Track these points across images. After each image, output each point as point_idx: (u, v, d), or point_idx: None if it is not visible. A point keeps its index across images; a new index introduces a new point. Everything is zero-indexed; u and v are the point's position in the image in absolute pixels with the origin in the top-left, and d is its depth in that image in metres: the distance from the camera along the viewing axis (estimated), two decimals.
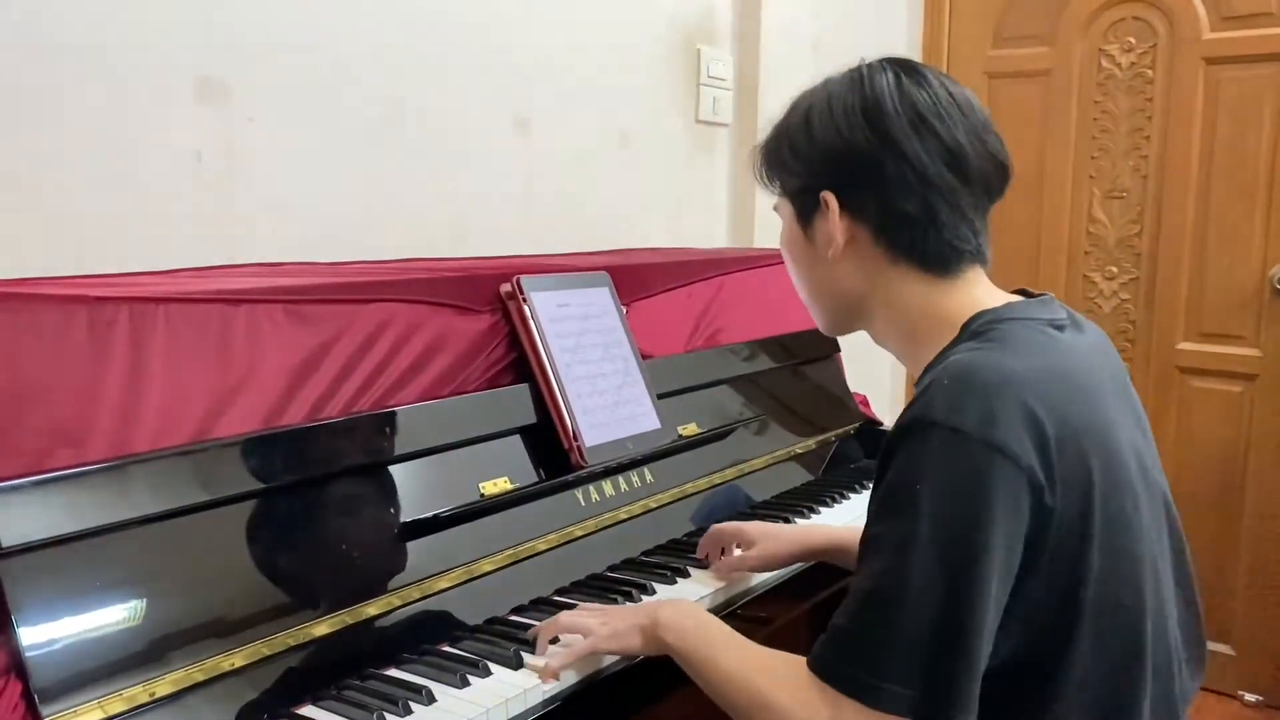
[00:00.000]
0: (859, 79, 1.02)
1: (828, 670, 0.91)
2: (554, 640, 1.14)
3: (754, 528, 1.41)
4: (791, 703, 0.92)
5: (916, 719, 0.86)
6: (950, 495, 0.86)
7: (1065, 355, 0.96)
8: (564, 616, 1.15)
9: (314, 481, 1.15)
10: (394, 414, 1.25)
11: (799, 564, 1.43)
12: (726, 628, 1.07)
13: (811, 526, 1.56)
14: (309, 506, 1.14)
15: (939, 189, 0.98)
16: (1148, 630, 0.94)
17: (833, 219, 1.02)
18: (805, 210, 1.06)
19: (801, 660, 0.94)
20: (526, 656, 1.13)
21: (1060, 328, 1.00)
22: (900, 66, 1.02)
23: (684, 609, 1.11)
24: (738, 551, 1.40)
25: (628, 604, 1.26)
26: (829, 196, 1.02)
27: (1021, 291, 1.06)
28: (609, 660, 1.15)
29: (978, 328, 0.98)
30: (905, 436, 0.90)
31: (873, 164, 0.99)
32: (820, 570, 1.46)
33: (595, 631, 1.11)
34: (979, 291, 1.03)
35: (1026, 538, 0.88)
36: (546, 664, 1.09)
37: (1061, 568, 0.89)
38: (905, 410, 0.92)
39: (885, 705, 0.86)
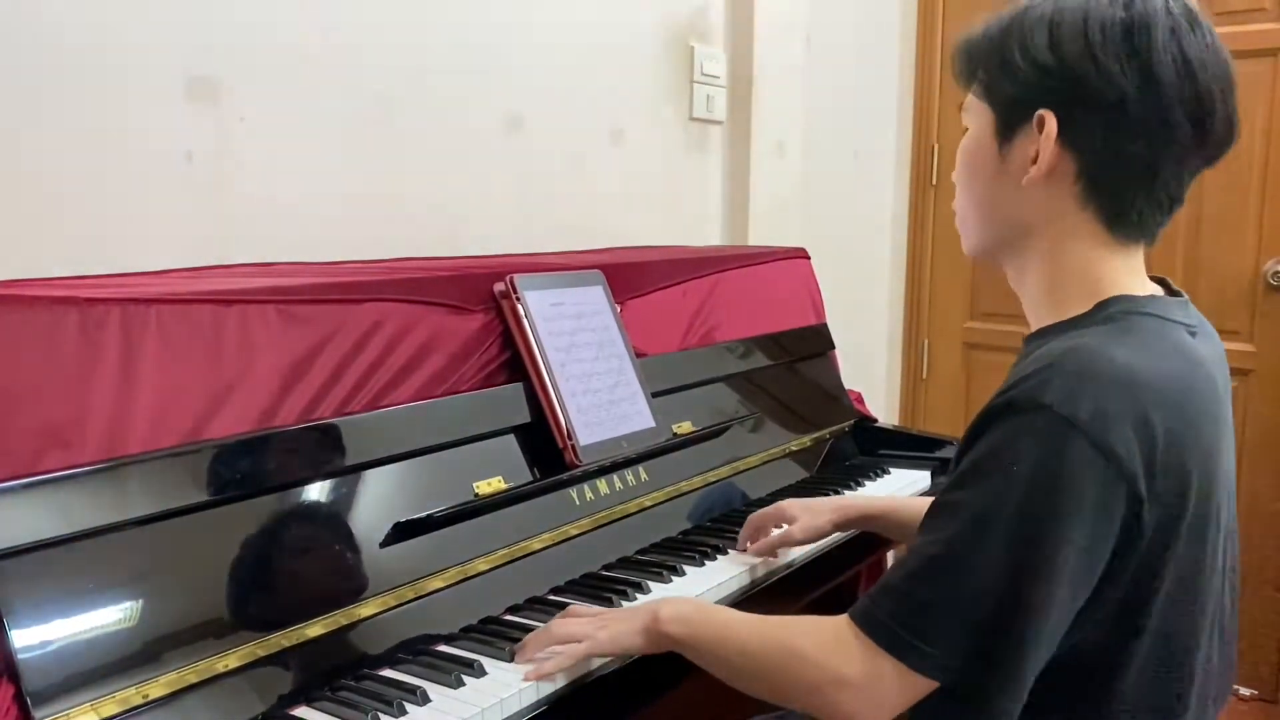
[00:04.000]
0: (1129, 4, 0.89)
1: (871, 622, 0.89)
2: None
3: (792, 504, 1.43)
4: (822, 650, 0.91)
5: (951, 689, 0.85)
6: (1045, 482, 0.82)
7: (1193, 365, 0.91)
8: (556, 628, 1.11)
9: (307, 482, 1.15)
10: (387, 414, 1.25)
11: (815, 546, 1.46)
12: (728, 609, 1.06)
13: (848, 497, 1.57)
14: (302, 507, 1.14)
15: (1175, 141, 0.90)
16: (1196, 671, 0.92)
17: (1046, 142, 0.92)
18: (1010, 122, 0.95)
19: (830, 619, 0.93)
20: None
21: (1193, 334, 0.95)
22: (1183, 10, 0.90)
23: (682, 602, 1.09)
24: (776, 533, 1.42)
25: (623, 606, 1.25)
26: (1049, 116, 0.91)
27: (1162, 283, 1.01)
28: (601, 660, 1.15)
29: (1114, 313, 0.92)
30: (1011, 412, 0.85)
31: (1117, 94, 0.88)
32: (818, 568, 1.47)
33: (593, 636, 1.09)
34: (1131, 271, 0.96)
35: (1115, 546, 0.85)
36: (539, 665, 1.08)
37: (1139, 578, 0.87)
38: (1013, 385, 0.87)
39: (924, 669, 0.85)
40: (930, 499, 0.95)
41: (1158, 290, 0.99)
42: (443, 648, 1.16)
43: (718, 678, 1.03)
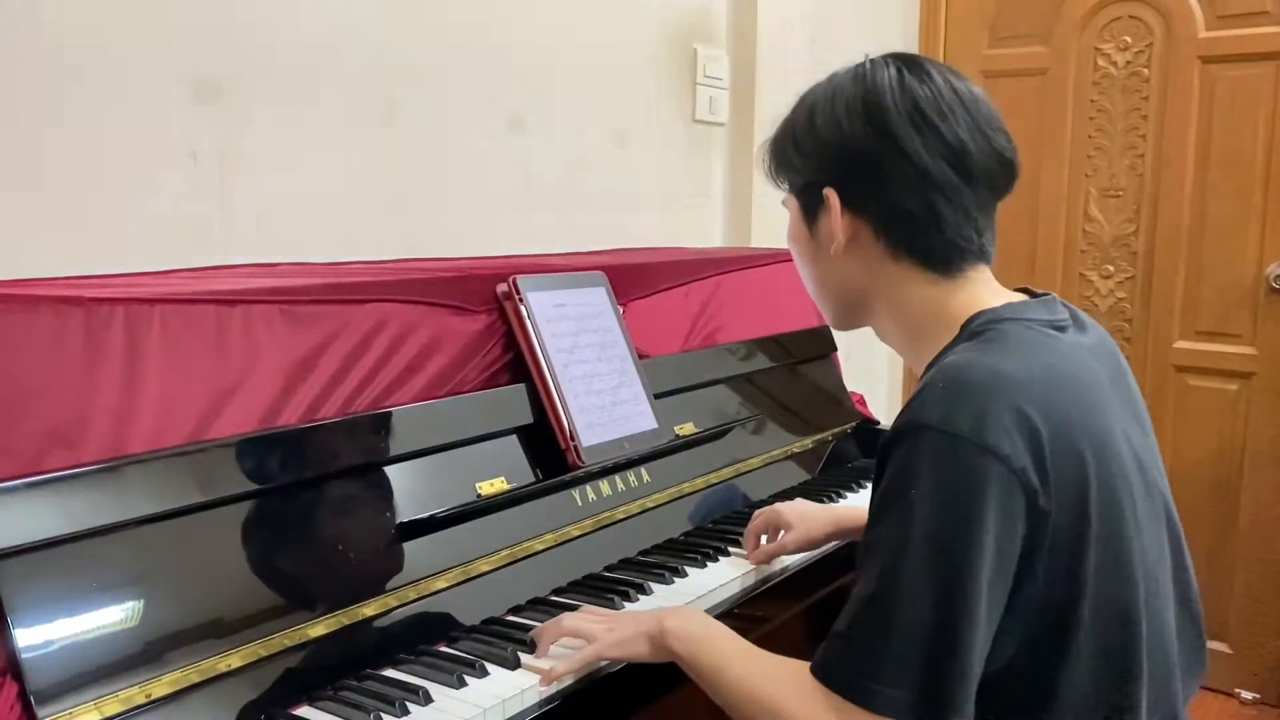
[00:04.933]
0: (862, 74, 1.01)
1: (828, 675, 0.91)
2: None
3: (790, 511, 1.44)
4: (798, 709, 0.92)
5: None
6: (943, 498, 0.86)
7: (1063, 357, 0.95)
8: (567, 621, 1.13)
9: (310, 482, 1.15)
10: (390, 414, 1.25)
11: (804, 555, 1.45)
12: (732, 634, 1.07)
13: (846, 507, 1.56)
14: (305, 507, 1.14)
15: (940, 187, 0.97)
16: (1143, 640, 0.93)
17: (834, 215, 1.02)
18: (809, 206, 1.06)
19: (805, 665, 0.94)
20: (524, 657, 1.12)
21: (1061, 328, 0.99)
22: (904, 61, 1.01)
23: (689, 617, 1.10)
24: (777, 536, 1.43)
25: (631, 609, 1.25)
26: (831, 193, 1.02)
27: (1025, 290, 1.05)
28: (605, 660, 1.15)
29: (976, 327, 0.97)
30: (899, 441, 0.90)
31: (873, 161, 0.98)
32: (818, 571, 1.47)
33: (600, 638, 1.10)
34: (981, 290, 1.02)
35: (1022, 542, 0.87)
36: (551, 668, 1.09)
37: (1058, 574, 0.89)
38: (900, 414, 0.92)
39: (883, 709, 0.86)
40: None
41: (1018, 297, 1.03)
42: (445, 648, 1.16)
43: None
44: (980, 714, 0.88)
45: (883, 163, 0.98)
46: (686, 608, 1.20)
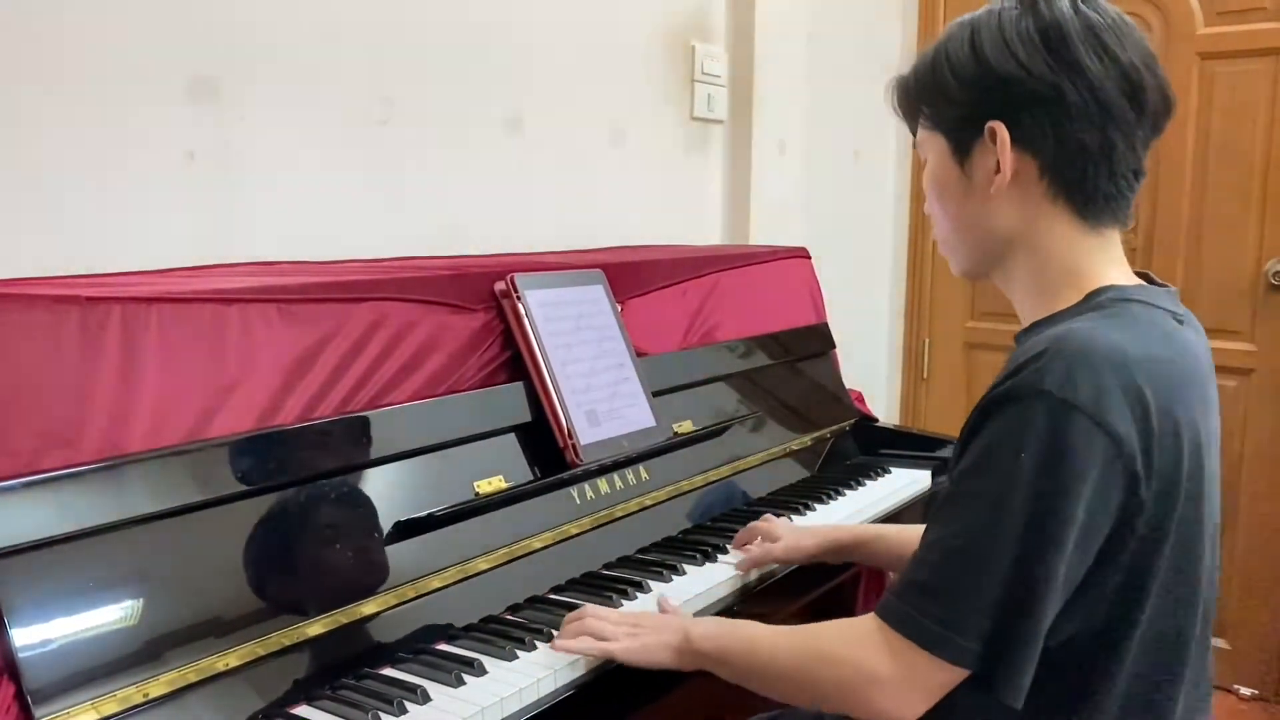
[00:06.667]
0: (1032, 2, 0.96)
1: (900, 618, 0.91)
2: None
3: (781, 526, 1.46)
4: (852, 650, 0.93)
5: (977, 673, 0.88)
6: (1052, 463, 0.85)
7: (1182, 348, 0.95)
8: (590, 619, 1.15)
9: (307, 481, 1.14)
10: (388, 413, 1.25)
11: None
12: (754, 622, 1.09)
13: (835, 526, 1.53)
14: (302, 506, 1.13)
15: (1117, 119, 0.94)
16: (1192, 644, 0.94)
17: (1002, 150, 0.96)
18: (964, 142, 1.00)
19: (856, 619, 0.96)
20: (522, 654, 1.13)
21: (1180, 321, 0.99)
22: None
23: (708, 620, 1.14)
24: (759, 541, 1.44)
25: (630, 608, 1.26)
26: (998, 126, 0.96)
27: (1145, 276, 1.05)
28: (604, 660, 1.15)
29: (1103, 300, 0.96)
30: (1012, 400, 0.88)
31: (1052, 90, 0.93)
32: (817, 570, 1.47)
33: (622, 642, 1.11)
34: (1115, 261, 1.01)
35: (1114, 526, 0.88)
36: (565, 640, 1.12)
37: (1136, 563, 0.90)
38: (1012, 373, 0.90)
39: (954, 656, 0.88)
40: (918, 526, 0.99)
41: (1142, 282, 1.03)
42: (443, 646, 1.16)
43: (750, 689, 1.05)
44: (1032, 687, 0.89)
45: (1063, 93, 0.93)
46: (707, 618, 1.22)
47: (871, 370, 3.12)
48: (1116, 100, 0.94)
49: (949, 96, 1.00)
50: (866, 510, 1.71)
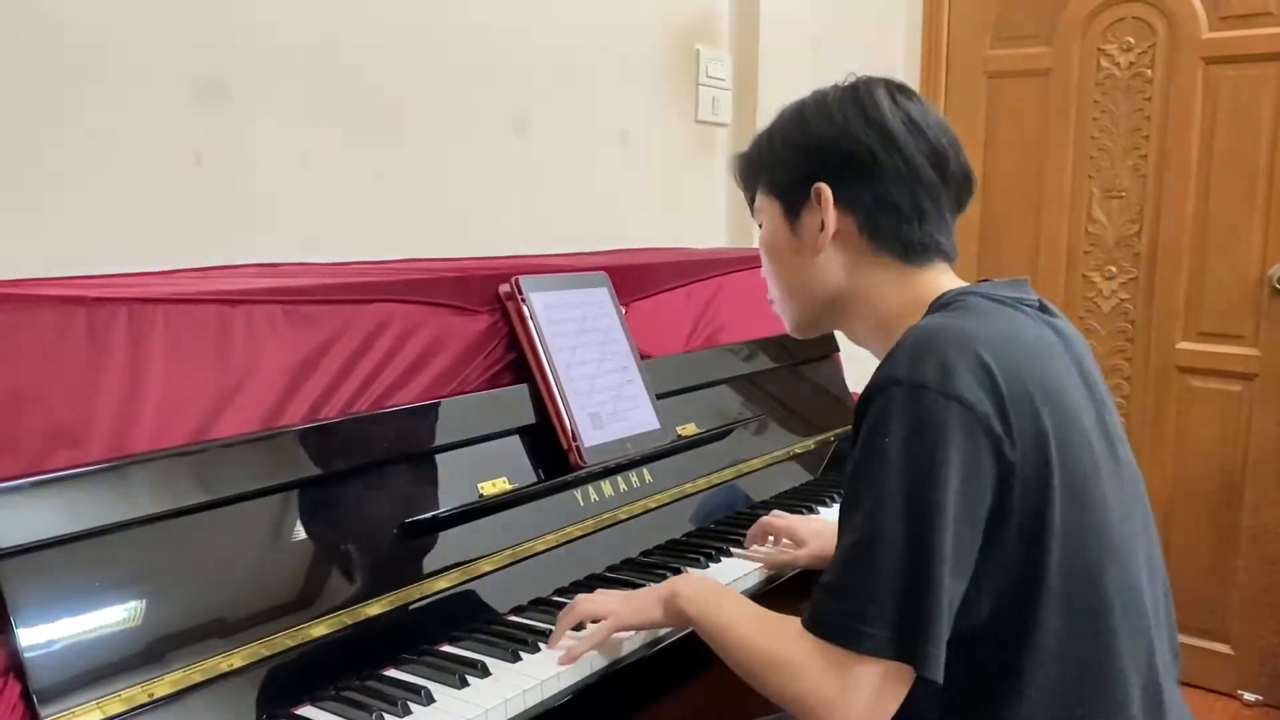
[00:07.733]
0: (854, 87, 1.09)
1: (817, 623, 0.95)
2: (578, 627, 1.17)
3: (804, 527, 1.47)
4: (795, 656, 0.96)
5: (896, 657, 0.90)
6: (911, 444, 0.90)
7: (1024, 325, 1.01)
8: (582, 604, 1.17)
9: (312, 482, 1.15)
10: (393, 414, 1.25)
11: None
12: (741, 598, 1.11)
13: None
14: (307, 507, 1.14)
15: (925, 185, 1.05)
16: (1112, 591, 0.95)
17: (826, 208, 1.07)
18: (794, 204, 1.11)
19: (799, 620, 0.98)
20: (525, 656, 1.13)
21: (1028, 306, 1.05)
22: (891, 84, 1.09)
23: (701, 581, 1.15)
24: (785, 543, 1.47)
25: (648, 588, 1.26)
26: (823, 187, 1.07)
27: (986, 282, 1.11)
28: (607, 660, 1.16)
29: (943, 301, 1.04)
30: (872, 398, 0.95)
31: (868, 155, 1.05)
32: (820, 573, 1.46)
33: (616, 611, 1.15)
34: (949, 278, 1.10)
35: (991, 496, 0.91)
36: (568, 649, 1.13)
37: (1027, 530, 0.92)
38: (873, 375, 0.97)
39: (868, 648, 0.90)
40: None
41: (986, 280, 1.10)
42: (447, 648, 1.16)
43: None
44: (956, 677, 0.90)
45: (878, 158, 1.04)
46: (701, 576, 1.25)
47: None
48: (924, 168, 1.05)
49: (780, 161, 1.12)
50: None
